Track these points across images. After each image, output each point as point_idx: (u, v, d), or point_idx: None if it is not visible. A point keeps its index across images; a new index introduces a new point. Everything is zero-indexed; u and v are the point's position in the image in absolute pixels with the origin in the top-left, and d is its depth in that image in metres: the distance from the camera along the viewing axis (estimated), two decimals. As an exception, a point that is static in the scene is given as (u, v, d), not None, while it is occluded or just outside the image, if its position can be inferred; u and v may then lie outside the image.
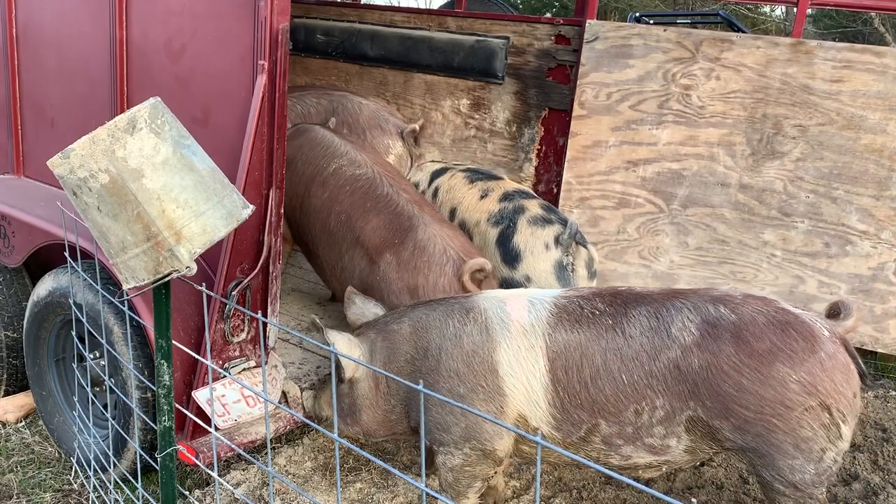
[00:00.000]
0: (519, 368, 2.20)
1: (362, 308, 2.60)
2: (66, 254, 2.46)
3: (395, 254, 2.81)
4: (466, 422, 2.26)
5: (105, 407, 2.79)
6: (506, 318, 2.26)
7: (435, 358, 2.30)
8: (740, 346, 2.07)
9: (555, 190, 4.02)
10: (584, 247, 3.08)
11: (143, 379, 2.50)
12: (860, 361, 2.17)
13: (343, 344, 2.36)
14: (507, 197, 3.26)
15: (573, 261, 3.05)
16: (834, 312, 2.24)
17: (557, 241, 3.02)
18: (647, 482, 2.98)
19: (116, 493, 2.55)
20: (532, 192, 3.50)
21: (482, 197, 3.33)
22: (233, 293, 2.45)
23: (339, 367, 2.37)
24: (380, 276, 2.83)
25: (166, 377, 1.88)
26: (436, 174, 3.68)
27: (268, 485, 2.74)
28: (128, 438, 2.61)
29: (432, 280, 2.73)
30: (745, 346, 2.06)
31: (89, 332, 2.57)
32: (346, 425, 2.50)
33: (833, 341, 2.10)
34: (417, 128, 4.34)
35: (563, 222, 3.09)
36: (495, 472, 2.42)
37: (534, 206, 3.17)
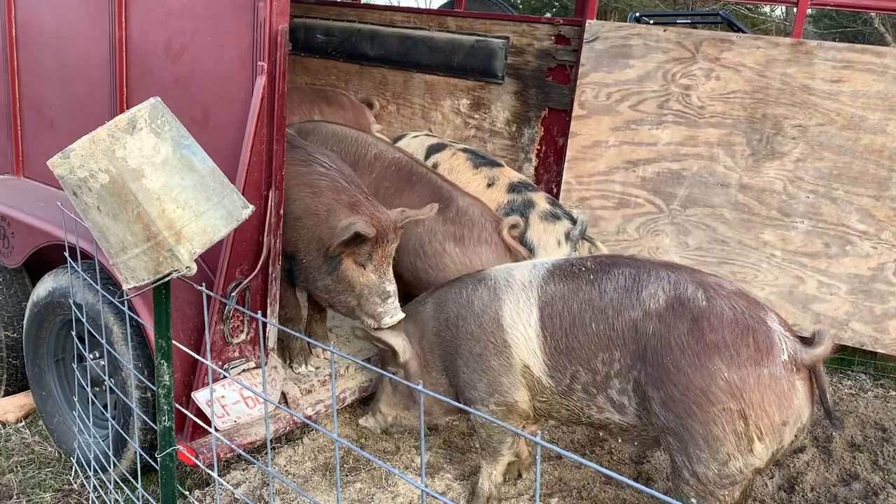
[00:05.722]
0: (518, 320, 2.41)
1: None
2: (66, 254, 2.46)
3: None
4: (487, 377, 2.48)
5: (105, 407, 2.79)
6: (510, 279, 2.49)
7: (454, 325, 2.55)
8: (694, 329, 2.14)
9: (555, 190, 4.02)
10: (592, 243, 3.19)
11: (143, 379, 2.50)
12: (827, 400, 2.15)
13: (394, 336, 2.67)
14: (513, 188, 3.37)
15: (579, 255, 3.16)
16: (811, 339, 2.20)
17: (567, 236, 3.12)
18: (647, 482, 2.98)
19: (116, 493, 2.55)
20: (533, 183, 3.59)
21: (489, 185, 3.41)
22: (232, 294, 2.45)
23: (394, 353, 2.64)
24: (422, 228, 3.07)
25: (166, 377, 1.88)
26: (433, 149, 3.70)
27: (268, 485, 2.74)
28: (128, 438, 2.61)
29: (476, 233, 3.03)
30: (698, 330, 2.13)
31: (89, 332, 2.57)
32: (408, 411, 2.74)
33: (789, 367, 2.09)
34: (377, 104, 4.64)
35: (569, 217, 3.19)
36: (522, 427, 2.58)
37: (541, 201, 3.29)
